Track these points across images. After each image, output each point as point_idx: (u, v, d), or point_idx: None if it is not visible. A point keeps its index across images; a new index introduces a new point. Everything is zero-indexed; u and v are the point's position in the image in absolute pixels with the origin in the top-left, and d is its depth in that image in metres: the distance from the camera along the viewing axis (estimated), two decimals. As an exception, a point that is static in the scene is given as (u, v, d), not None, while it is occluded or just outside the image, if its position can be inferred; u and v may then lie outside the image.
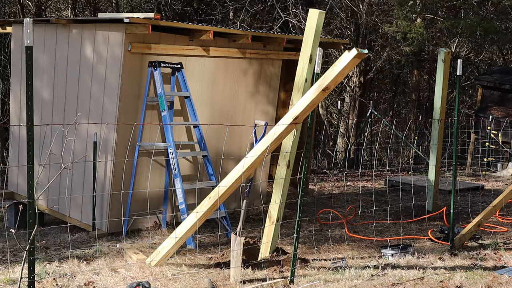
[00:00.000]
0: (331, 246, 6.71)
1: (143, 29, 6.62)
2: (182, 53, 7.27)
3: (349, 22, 17.99)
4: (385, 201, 9.03)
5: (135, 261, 5.76)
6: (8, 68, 14.81)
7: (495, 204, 6.77)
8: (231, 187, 5.22)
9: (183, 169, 7.32)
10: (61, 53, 7.62)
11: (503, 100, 14.47)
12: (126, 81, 6.86)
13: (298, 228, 5.24)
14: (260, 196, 7.99)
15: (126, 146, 6.57)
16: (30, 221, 3.92)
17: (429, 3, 15.63)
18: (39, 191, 5.30)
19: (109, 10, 17.71)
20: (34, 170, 3.94)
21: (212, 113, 7.74)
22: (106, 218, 6.95)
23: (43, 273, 5.31)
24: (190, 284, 5.16)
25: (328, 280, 5.24)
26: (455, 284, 5.16)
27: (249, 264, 5.46)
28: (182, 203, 6.72)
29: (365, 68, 18.03)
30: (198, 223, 5.44)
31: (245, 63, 8.03)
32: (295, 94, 5.54)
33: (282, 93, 9.78)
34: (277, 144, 5.04)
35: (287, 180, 5.75)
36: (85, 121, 7.08)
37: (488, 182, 11.45)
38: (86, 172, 7.19)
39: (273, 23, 15.69)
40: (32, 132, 3.86)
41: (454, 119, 6.56)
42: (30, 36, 3.77)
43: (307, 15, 5.62)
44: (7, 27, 8.72)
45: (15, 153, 8.47)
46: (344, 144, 17.97)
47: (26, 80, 3.85)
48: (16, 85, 8.45)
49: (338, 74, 4.49)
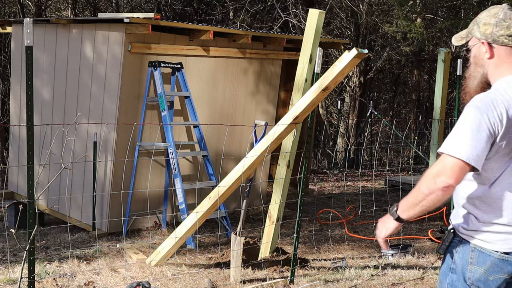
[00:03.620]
0: (331, 246, 6.71)
1: (143, 29, 6.63)
2: (182, 53, 7.27)
3: (349, 22, 17.98)
4: (385, 201, 9.03)
5: (135, 261, 5.76)
6: (8, 68, 14.81)
7: (495, 204, 6.76)
8: (231, 187, 5.22)
9: (183, 169, 7.32)
10: (61, 53, 7.62)
11: (503, 100, 14.45)
12: (126, 81, 6.86)
13: (298, 228, 5.24)
14: (260, 196, 7.99)
15: (126, 146, 6.57)
16: (30, 221, 3.92)
17: (429, 3, 15.62)
18: (39, 191, 5.31)
19: (109, 10, 17.71)
20: (34, 170, 3.94)
21: (212, 113, 7.74)
22: (106, 218, 6.95)
23: (43, 273, 5.31)
24: (190, 284, 5.16)
25: (328, 280, 5.24)
26: (455, 284, 5.15)
27: (249, 264, 5.46)
28: (182, 203, 6.73)
29: (365, 68, 18.03)
30: (198, 223, 5.44)
31: (245, 63, 8.03)
32: (295, 94, 5.54)
33: (282, 93, 9.79)
34: (277, 144, 5.04)
35: (287, 180, 5.75)
36: (85, 121, 7.08)
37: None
38: (86, 172, 7.20)
39: (273, 23, 15.68)
40: (32, 132, 3.86)
41: (454, 119, 6.57)
42: (30, 36, 3.77)
43: (307, 15, 5.62)
44: (7, 27, 8.72)
45: (15, 153, 8.47)
46: (344, 144, 17.97)
47: (26, 80, 3.85)
48: (16, 85, 8.45)
49: (338, 74, 4.49)
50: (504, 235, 2.47)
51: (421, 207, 2.42)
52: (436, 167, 2.38)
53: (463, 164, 2.34)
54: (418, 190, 2.41)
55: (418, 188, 2.41)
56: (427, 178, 2.38)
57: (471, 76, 2.63)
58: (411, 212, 2.46)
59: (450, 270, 2.57)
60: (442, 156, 2.39)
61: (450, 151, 2.36)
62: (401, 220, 2.50)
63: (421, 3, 15.40)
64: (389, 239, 2.73)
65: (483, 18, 2.57)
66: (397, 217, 2.50)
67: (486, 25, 2.54)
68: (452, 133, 2.42)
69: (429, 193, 2.37)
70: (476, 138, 2.35)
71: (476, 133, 2.35)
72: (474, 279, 2.49)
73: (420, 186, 2.40)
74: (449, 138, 2.41)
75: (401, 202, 2.50)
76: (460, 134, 2.37)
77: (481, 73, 2.59)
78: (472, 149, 2.34)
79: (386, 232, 2.54)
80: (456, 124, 2.43)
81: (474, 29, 2.59)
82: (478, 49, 2.58)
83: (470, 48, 2.63)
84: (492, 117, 2.37)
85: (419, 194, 2.40)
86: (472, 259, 2.49)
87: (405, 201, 2.47)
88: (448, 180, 2.33)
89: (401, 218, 2.49)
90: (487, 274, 2.48)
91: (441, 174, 2.35)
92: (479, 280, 2.48)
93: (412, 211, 2.46)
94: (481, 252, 2.47)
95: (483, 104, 2.39)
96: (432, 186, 2.36)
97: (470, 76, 2.64)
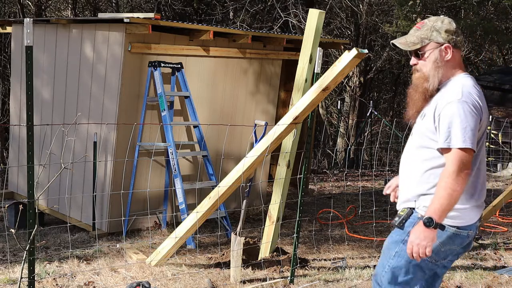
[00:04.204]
0: (331, 246, 6.71)
1: (143, 29, 6.62)
2: (182, 53, 7.27)
3: (349, 22, 17.98)
4: (385, 201, 9.02)
5: (135, 261, 5.76)
6: (8, 68, 14.81)
7: (495, 204, 6.77)
8: (231, 187, 5.22)
9: (183, 169, 7.32)
10: (61, 53, 7.62)
11: (503, 100, 14.47)
12: (126, 81, 6.86)
13: (298, 228, 5.24)
14: (260, 196, 7.99)
15: (126, 146, 6.57)
16: (30, 221, 3.92)
17: (429, 3, 15.61)
18: (39, 191, 5.30)
19: (109, 10, 17.71)
20: (34, 170, 3.94)
21: (212, 113, 7.74)
22: (106, 218, 6.95)
23: (43, 273, 5.31)
24: (190, 284, 5.16)
25: (328, 280, 5.24)
26: (455, 284, 5.16)
27: (249, 264, 5.46)
28: (182, 203, 6.72)
29: (365, 68, 18.03)
30: (198, 223, 5.44)
31: (245, 63, 8.03)
32: (295, 94, 5.54)
33: (282, 93, 9.79)
34: (277, 144, 5.04)
35: (287, 180, 5.75)
36: (85, 121, 7.08)
37: (488, 182, 11.45)
38: (86, 172, 7.19)
39: (273, 23, 15.68)
40: (32, 132, 3.86)
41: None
42: (30, 36, 3.77)
43: (307, 15, 5.62)
44: (7, 27, 8.72)
45: (15, 153, 8.47)
46: (344, 144, 17.97)
47: (26, 80, 3.85)
48: (16, 85, 8.45)
49: (338, 74, 4.49)
50: (460, 212, 2.85)
51: (454, 205, 2.76)
52: (455, 164, 2.73)
53: (471, 152, 2.75)
54: (449, 191, 2.72)
55: (447, 188, 2.72)
56: (452, 176, 2.73)
57: (431, 75, 2.98)
58: (447, 212, 2.77)
59: (402, 241, 2.93)
60: (454, 152, 2.74)
61: (460, 144, 2.73)
62: (438, 225, 2.78)
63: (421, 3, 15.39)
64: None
65: (444, 26, 2.98)
66: (436, 225, 2.75)
67: (448, 32, 2.96)
68: (449, 128, 2.77)
69: (461, 189, 2.73)
70: (473, 126, 2.75)
71: (471, 122, 2.75)
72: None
73: (449, 186, 2.72)
74: (448, 133, 2.76)
75: (434, 210, 2.75)
76: (460, 126, 2.74)
77: (441, 73, 2.98)
78: (473, 137, 2.74)
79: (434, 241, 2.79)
80: (448, 118, 2.77)
81: (434, 35, 2.97)
82: (437, 53, 2.96)
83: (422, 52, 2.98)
84: (477, 107, 2.80)
85: (453, 194, 2.72)
86: None
87: (439, 207, 2.74)
88: (468, 170, 2.75)
89: (438, 223, 2.77)
90: (441, 245, 2.87)
91: (463, 168, 2.73)
92: (432, 251, 2.80)
93: (447, 212, 2.77)
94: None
95: (466, 97, 2.80)
96: (462, 182, 2.73)
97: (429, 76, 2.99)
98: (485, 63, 21.65)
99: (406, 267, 2.96)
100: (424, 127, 2.93)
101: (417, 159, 2.96)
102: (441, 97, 2.90)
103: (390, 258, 3.00)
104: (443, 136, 2.78)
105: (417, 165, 2.95)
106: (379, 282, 3.10)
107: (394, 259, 2.99)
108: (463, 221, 2.88)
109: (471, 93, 2.83)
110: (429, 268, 3.00)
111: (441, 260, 2.98)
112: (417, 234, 2.77)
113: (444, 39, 2.96)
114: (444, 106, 2.81)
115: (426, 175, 2.91)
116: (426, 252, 2.77)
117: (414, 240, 2.78)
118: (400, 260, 2.96)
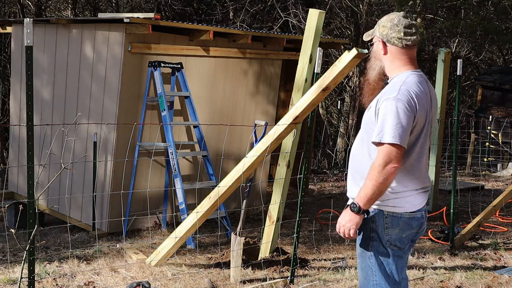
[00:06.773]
0: (331, 246, 6.71)
1: (143, 29, 6.63)
2: (182, 53, 7.27)
3: (349, 22, 17.98)
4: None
5: (135, 261, 5.75)
6: (8, 68, 14.82)
7: (495, 204, 6.77)
8: (231, 187, 5.22)
9: (183, 169, 7.32)
10: (61, 53, 7.62)
11: (503, 100, 14.46)
12: (126, 81, 6.86)
13: (298, 228, 5.24)
14: (260, 196, 7.99)
15: (126, 146, 6.57)
16: (30, 221, 3.92)
17: (429, 3, 15.63)
18: (39, 191, 5.31)
19: (109, 10, 17.72)
20: (34, 170, 3.94)
21: (212, 113, 7.74)
22: (106, 218, 6.95)
23: (43, 273, 5.31)
24: (190, 284, 5.16)
25: (328, 280, 5.24)
26: (455, 284, 5.16)
27: (249, 264, 5.47)
28: (182, 203, 6.72)
29: (365, 68, 18.02)
30: (198, 223, 5.44)
31: (245, 63, 8.03)
32: (295, 94, 5.54)
33: (282, 93, 9.79)
34: (277, 144, 5.04)
35: (287, 180, 5.75)
36: (85, 121, 7.08)
37: (488, 182, 11.44)
38: (86, 172, 7.20)
39: (273, 23, 15.69)
40: (32, 132, 3.86)
41: (454, 119, 6.56)
42: (30, 36, 3.77)
43: (307, 15, 5.62)
44: (7, 27, 8.72)
45: (15, 153, 8.48)
46: (344, 144, 17.97)
47: (26, 80, 3.85)
48: (16, 85, 8.45)
49: (338, 74, 4.49)
50: (411, 198, 3.02)
51: (379, 195, 2.91)
52: (382, 158, 2.86)
53: (401, 148, 2.87)
54: (374, 182, 2.87)
55: (373, 180, 2.87)
56: (378, 169, 2.86)
57: (371, 67, 3.16)
58: (372, 201, 2.93)
59: (370, 238, 3.08)
60: (384, 146, 2.86)
61: (389, 139, 2.84)
62: (364, 211, 2.96)
63: (421, 3, 15.40)
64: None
65: (383, 21, 3.11)
66: (361, 211, 2.94)
67: (384, 27, 3.08)
68: (383, 124, 2.88)
69: (385, 180, 2.87)
70: (405, 124, 2.85)
71: (404, 120, 2.85)
72: (392, 239, 3.03)
73: (374, 178, 2.87)
74: (382, 128, 2.87)
75: (360, 198, 2.93)
76: (392, 123, 2.85)
77: (379, 66, 3.12)
78: (404, 134, 2.86)
79: (357, 225, 2.98)
80: (382, 115, 2.89)
81: (376, 29, 3.13)
82: (377, 46, 3.12)
83: (372, 44, 3.16)
84: (411, 105, 2.89)
85: (377, 185, 2.87)
86: (387, 224, 3.02)
87: (364, 195, 2.91)
88: (395, 164, 2.87)
89: (364, 210, 2.95)
90: (401, 232, 3.03)
91: (389, 162, 2.86)
92: (395, 240, 3.02)
93: (373, 201, 2.93)
94: (393, 217, 3.01)
95: (402, 95, 2.90)
96: (386, 174, 2.85)
97: (370, 67, 3.17)
98: (485, 63, 21.64)
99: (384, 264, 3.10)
100: (368, 118, 3.07)
101: (365, 153, 3.05)
102: (383, 92, 3.02)
103: (367, 258, 3.14)
104: (377, 130, 2.90)
105: (366, 161, 3.03)
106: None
107: (372, 259, 3.12)
108: (413, 206, 3.03)
109: (409, 90, 2.92)
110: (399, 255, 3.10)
111: (405, 246, 3.09)
112: (344, 217, 3.02)
113: (380, 34, 3.09)
114: (382, 102, 2.94)
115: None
116: (351, 234, 2.99)
117: (341, 221, 3.04)
118: (377, 257, 3.11)
